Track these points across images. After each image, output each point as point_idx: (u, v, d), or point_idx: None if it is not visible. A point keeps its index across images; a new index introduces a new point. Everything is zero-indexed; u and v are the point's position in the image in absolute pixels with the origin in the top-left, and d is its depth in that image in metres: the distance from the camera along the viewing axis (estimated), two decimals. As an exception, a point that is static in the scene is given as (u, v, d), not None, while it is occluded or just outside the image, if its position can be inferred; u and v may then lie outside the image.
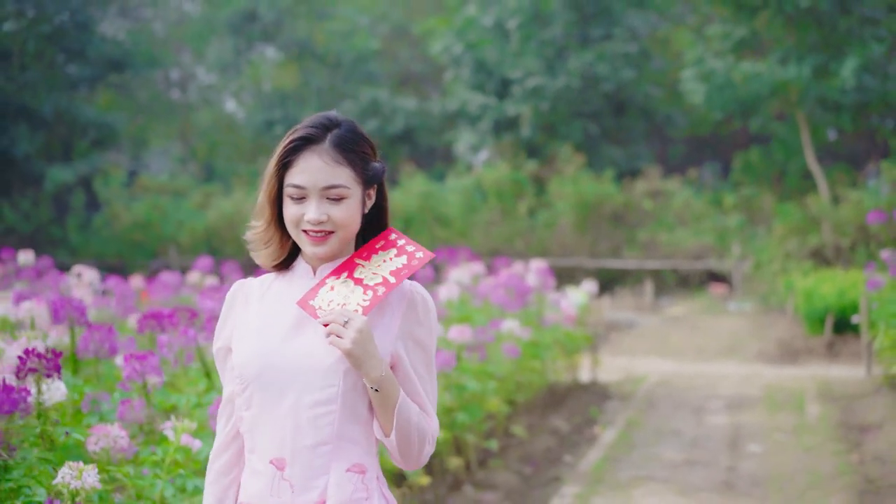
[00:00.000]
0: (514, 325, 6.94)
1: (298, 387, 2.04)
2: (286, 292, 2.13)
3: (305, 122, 2.10)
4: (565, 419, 8.21)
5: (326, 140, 2.07)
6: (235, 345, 2.13)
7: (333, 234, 2.07)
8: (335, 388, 2.03)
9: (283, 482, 2.04)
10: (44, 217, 22.78)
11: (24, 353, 2.99)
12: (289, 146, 2.07)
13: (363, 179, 2.09)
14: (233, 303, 2.19)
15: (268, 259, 2.15)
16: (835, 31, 18.79)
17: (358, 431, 2.07)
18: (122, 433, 3.12)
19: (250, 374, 2.07)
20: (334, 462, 2.05)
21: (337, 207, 2.05)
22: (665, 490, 6.18)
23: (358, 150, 2.09)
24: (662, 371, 11.33)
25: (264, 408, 2.06)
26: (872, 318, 9.31)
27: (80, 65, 24.52)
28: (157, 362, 3.61)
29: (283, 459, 2.05)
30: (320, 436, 2.04)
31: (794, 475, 6.50)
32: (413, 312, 2.11)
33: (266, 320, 2.11)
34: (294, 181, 2.05)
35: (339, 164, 2.06)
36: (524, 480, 6.41)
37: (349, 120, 2.12)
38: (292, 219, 2.07)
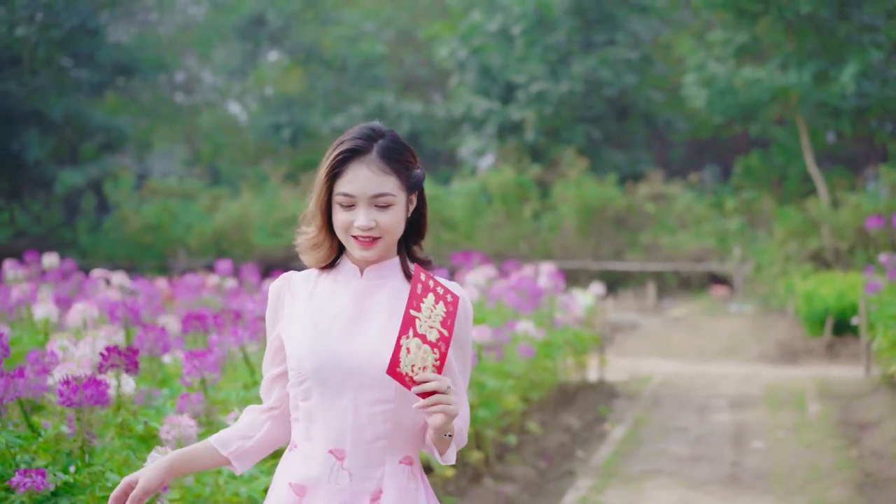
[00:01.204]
0: (529, 326, 7.25)
1: (357, 384, 2.16)
2: (335, 290, 2.25)
3: (351, 134, 2.21)
4: (576, 416, 8.54)
5: (373, 150, 2.18)
6: (288, 338, 2.24)
7: (381, 239, 2.19)
8: (393, 387, 2.15)
9: (342, 471, 2.16)
10: (54, 220, 23.10)
11: (106, 351, 3.31)
12: (338, 157, 2.18)
13: (407, 186, 2.21)
14: (281, 296, 2.30)
15: (317, 261, 2.27)
16: (834, 37, 19.09)
17: (409, 426, 2.21)
18: (191, 423, 3.43)
19: (308, 369, 2.18)
20: (389, 455, 2.18)
21: (384, 214, 2.17)
22: (674, 483, 6.50)
23: (402, 160, 2.21)
24: (666, 371, 11.65)
25: (323, 401, 2.18)
26: (871, 320, 9.63)
27: (89, 69, 24.84)
28: (214, 360, 3.93)
29: (342, 450, 2.17)
30: (378, 431, 2.16)
31: (795, 469, 6.82)
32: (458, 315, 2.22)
33: (319, 316, 2.22)
34: (344, 190, 2.17)
35: (385, 173, 2.17)
36: (540, 474, 6.73)
37: (391, 130, 2.23)
38: (342, 225, 2.19)
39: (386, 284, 2.24)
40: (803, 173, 21.64)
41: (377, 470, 2.17)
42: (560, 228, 21.00)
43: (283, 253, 21.58)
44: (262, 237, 21.72)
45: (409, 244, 2.30)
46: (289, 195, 22.75)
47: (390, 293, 2.23)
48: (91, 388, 3.03)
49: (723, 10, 19.55)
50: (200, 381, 3.93)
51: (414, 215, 2.28)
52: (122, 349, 3.32)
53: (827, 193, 19.02)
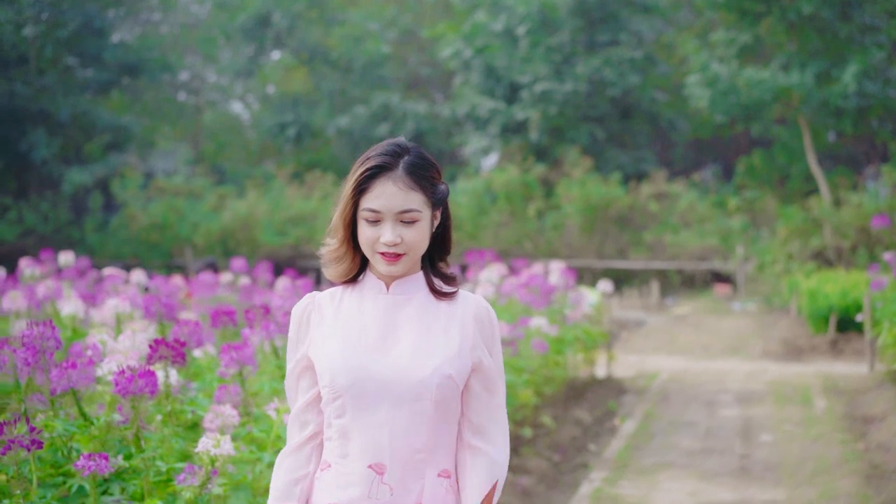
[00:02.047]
0: (543, 322, 7.42)
1: (393, 398, 2.17)
2: (362, 305, 2.26)
3: (378, 150, 2.22)
4: (587, 411, 8.70)
5: (399, 167, 2.19)
6: (318, 357, 2.24)
7: (406, 255, 2.20)
8: (429, 399, 2.17)
9: (382, 486, 2.17)
10: (62, 218, 23.26)
11: (155, 343, 3.46)
12: (365, 173, 2.19)
13: (432, 202, 2.23)
14: (306, 318, 2.31)
15: (339, 274, 2.28)
16: (836, 37, 19.22)
17: (447, 439, 2.23)
18: (234, 412, 3.59)
19: (342, 386, 2.18)
20: (428, 468, 2.20)
21: (410, 230, 2.19)
22: (686, 475, 6.66)
23: (427, 176, 2.22)
24: (672, 367, 11.80)
25: (358, 417, 2.18)
26: (876, 317, 9.80)
27: (95, 69, 24.99)
28: (251, 353, 4.08)
29: (382, 465, 2.17)
30: (417, 443, 2.18)
31: (804, 462, 6.98)
32: (482, 325, 2.27)
33: (348, 333, 2.23)
34: (370, 206, 2.18)
35: (411, 189, 2.19)
36: (554, 466, 6.90)
37: (416, 146, 2.25)
38: (368, 241, 2.20)
39: (412, 299, 2.26)
40: (805, 173, 21.79)
41: (417, 483, 2.19)
42: (564, 227, 21.15)
43: (289, 251, 21.74)
44: (268, 236, 21.87)
45: (433, 259, 2.31)
46: (295, 194, 22.90)
47: (417, 308, 2.25)
48: (145, 378, 3.18)
49: (725, 11, 19.68)
50: (238, 373, 4.08)
51: (438, 230, 2.29)
52: (169, 342, 3.48)
53: (829, 193, 19.16)
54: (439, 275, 2.30)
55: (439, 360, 2.18)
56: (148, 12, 31.02)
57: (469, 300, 2.28)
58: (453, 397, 2.21)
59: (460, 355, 2.21)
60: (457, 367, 2.20)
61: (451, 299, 2.28)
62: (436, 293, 2.27)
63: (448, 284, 2.29)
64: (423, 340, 2.21)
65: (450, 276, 2.31)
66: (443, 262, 2.33)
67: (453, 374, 2.19)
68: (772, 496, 6.12)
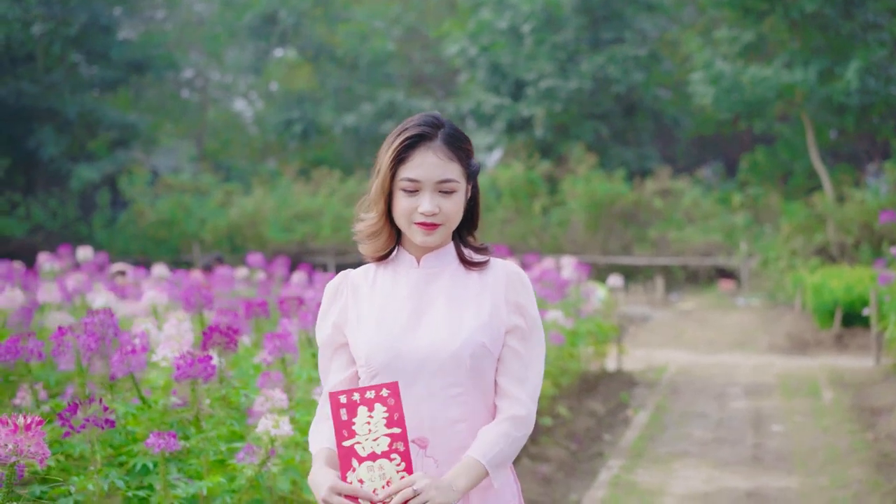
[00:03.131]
0: (559, 315, 7.59)
1: (428, 372, 2.19)
2: (395, 282, 2.28)
3: (415, 121, 2.22)
4: (600, 402, 8.87)
5: (438, 137, 2.20)
6: (354, 335, 2.26)
7: (442, 225, 2.21)
8: (464, 369, 2.19)
9: (426, 459, 2.20)
10: (70, 215, 23.42)
11: (209, 330, 3.62)
12: (404, 142, 2.19)
13: (467, 174, 2.25)
14: (337, 293, 2.32)
15: (375, 250, 2.28)
16: (839, 35, 19.38)
17: (484, 406, 2.24)
18: (283, 396, 3.75)
19: (378, 364, 2.20)
20: (470, 437, 2.21)
21: (448, 200, 2.20)
22: (700, 464, 6.83)
23: (464, 147, 2.24)
24: (680, 361, 11.98)
25: None
26: (882, 311, 9.97)
27: (102, 67, 25.14)
28: (293, 341, 4.25)
29: (424, 439, 2.20)
30: (456, 414, 2.20)
31: (815, 451, 7.15)
32: (515, 288, 2.28)
33: (382, 311, 2.25)
34: (409, 175, 2.18)
35: (450, 159, 2.20)
36: (572, 455, 7.07)
37: (449, 120, 2.26)
38: (404, 211, 2.20)
39: (443, 271, 2.27)
40: (808, 169, 21.96)
41: (461, 453, 2.19)
42: (569, 223, 21.33)
43: (295, 248, 21.90)
44: (274, 232, 22.03)
45: (462, 232, 2.32)
46: (301, 191, 23.06)
47: (448, 280, 2.26)
48: (204, 363, 3.35)
49: (729, 9, 19.85)
50: (280, 361, 4.25)
51: (469, 203, 2.30)
52: (222, 329, 3.64)
53: (832, 189, 19.33)
54: (469, 246, 2.31)
55: (471, 330, 2.19)
56: (151, 10, 31.15)
57: (499, 266, 2.29)
58: (488, 365, 2.22)
59: (492, 323, 2.22)
60: (489, 335, 2.21)
61: (481, 269, 2.28)
62: (466, 263, 2.28)
63: (479, 254, 2.31)
64: (455, 312, 2.22)
65: (480, 248, 2.32)
66: (471, 235, 2.33)
67: (486, 342, 2.20)
68: (785, 483, 6.29)
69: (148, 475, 3.35)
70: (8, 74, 23.34)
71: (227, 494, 3.23)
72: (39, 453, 2.33)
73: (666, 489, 6.19)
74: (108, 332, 3.62)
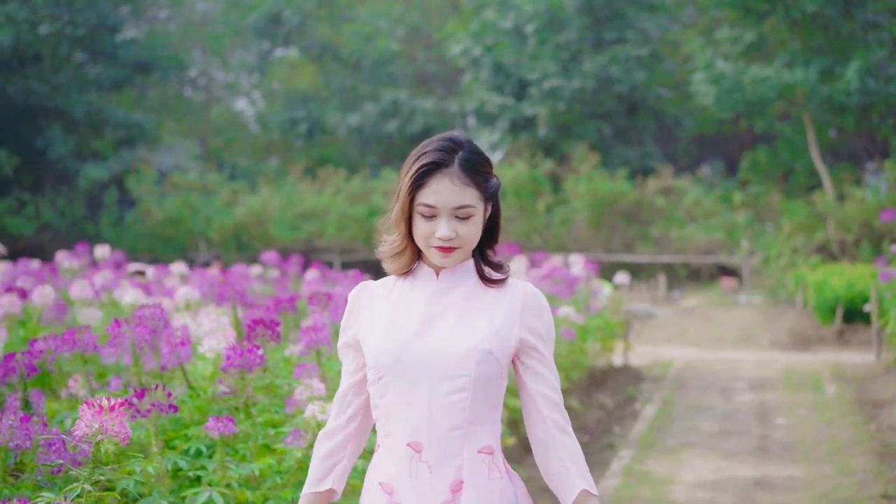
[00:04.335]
0: (570, 310, 7.82)
1: (433, 376, 2.21)
2: (412, 293, 2.32)
3: (433, 146, 2.25)
4: (609, 396, 9.11)
5: (455, 163, 2.23)
6: (366, 339, 2.29)
7: (460, 248, 2.25)
8: (468, 377, 2.20)
9: (420, 464, 2.21)
10: (78, 214, 23.64)
11: (253, 323, 3.84)
12: (421, 169, 2.23)
13: (485, 196, 2.27)
14: (358, 304, 2.37)
15: (399, 268, 2.33)
16: (839, 35, 19.59)
17: (486, 416, 2.25)
18: (321, 385, 3.96)
19: (385, 365, 2.24)
20: (467, 445, 2.22)
21: (465, 225, 2.23)
22: (709, 454, 7.06)
23: (481, 171, 2.26)
24: (685, 357, 12.22)
25: (400, 396, 2.23)
26: (883, 307, 10.21)
27: (108, 67, 25.35)
28: (328, 334, 4.47)
29: (420, 443, 2.22)
30: (454, 421, 2.21)
31: (819, 442, 7.39)
32: (531, 309, 2.30)
33: (395, 316, 2.29)
34: (426, 201, 2.22)
35: (466, 185, 2.22)
36: (583, 446, 7.25)
37: (468, 140, 2.28)
38: (423, 234, 2.25)
39: (460, 286, 2.30)
40: (809, 168, 22.18)
41: (455, 460, 2.21)
42: (572, 222, 21.56)
43: (301, 246, 22.11)
44: (280, 230, 22.26)
45: (482, 247, 2.34)
46: (307, 190, 23.28)
47: (463, 295, 2.29)
48: (252, 353, 3.57)
49: (730, 9, 20.06)
50: (316, 352, 4.47)
51: (489, 221, 2.33)
52: (266, 321, 3.86)
53: (832, 188, 19.55)
54: (488, 263, 2.34)
55: (480, 338, 2.22)
56: (155, 10, 31.35)
57: (518, 287, 2.32)
58: (494, 374, 2.23)
59: (500, 334, 2.24)
60: (497, 344, 2.23)
61: (499, 286, 2.31)
62: (485, 280, 2.31)
63: (497, 272, 2.33)
64: (465, 321, 2.25)
65: (498, 265, 2.35)
66: (491, 250, 2.36)
67: (493, 349, 2.22)
68: (791, 472, 6.53)
69: (200, 458, 3.57)
70: (16, 74, 23.57)
71: (276, 475, 3.46)
72: (122, 432, 2.55)
73: (676, 478, 6.42)
74: (160, 324, 3.84)
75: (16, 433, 2.90)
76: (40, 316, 6.50)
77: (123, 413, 2.55)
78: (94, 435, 2.52)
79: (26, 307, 6.49)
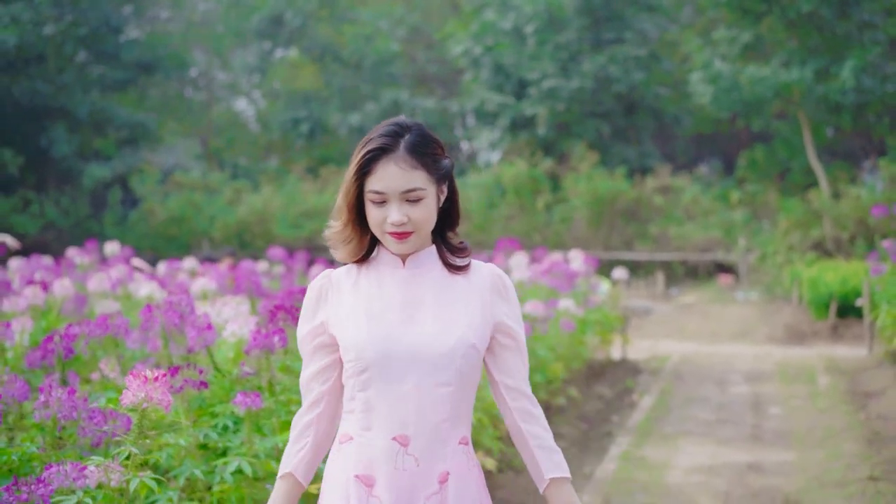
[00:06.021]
0: (570, 303, 8.08)
1: (419, 370, 2.20)
2: (381, 281, 2.30)
3: (378, 132, 2.24)
4: (607, 387, 9.37)
5: (400, 147, 2.21)
6: (340, 331, 2.26)
7: (414, 233, 2.23)
8: (454, 370, 2.21)
9: (407, 457, 2.20)
10: (82, 212, 23.89)
11: (275, 308, 4.10)
12: (366, 156, 2.21)
13: (436, 178, 2.25)
14: (323, 293, 2.33)
15: (348, 255, 2.30)
16: (835, 34, 19.83)
17: (467, 407, 2.28)
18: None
19: (369, 359, 2.21)
20: (451, 437, 2.24)
21: (416, 208, 2.21)
22: (704, 441, 7.32)
23: (429, 153, 2.24)
24: (683, 351, 12.48)
25: (384, 389, 2.21)
26: (875, 301, 10.47)
27: (112, 67, 25.59)
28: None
29: (406, 437, 2.20)
30: (441, 414, 2.22)
31: (811, 430, 7.65)
32: (498, 290, 2.33)
33: (371, 307, 2.25)
34: (374, 188, 2.21)
35: (414, 168, 2.20)
36: (583, 434, 7.56)
37: (417, 123, 2.26)
38: (376, 221, 2.23)
39: (428, 273, 2.30)
40: (805, 167, 22.45)
41: (441, 452, 2.23)
42: (572, 220, 21.82)
43: (303, 244, 22.35)
44: (283, 229, 22.51)
45: (443, 232, 2.34)
46: (309, 189, 23.54)
47: (434, 282, 2.29)
48: (278, 334, 3.83)
49: (727, 9, 20.31)
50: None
51: (446, 204, 2.31)
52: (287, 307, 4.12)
53: (828, 186, 19.80)
54: (450, 247, 2.33)
55: (462, 331, 2.23)
56: (156, 10, 31.58)
57: (483, 269, 2.33)
58: (475, 366, 2.26)
59: (481, 325, 2.26)
60: (479, 335, 2.25)
61: (465, 272, 2.32)
62: (450, 267, 2.31)
63: (459, 255, 2.33)
64: (444, 313, 2.25)
65: (460, 248, 2.34)
66: (452, 232, 2.35)
67: (476, 343, 2.24)
68: (783, 458, 6.78)
69: (226, 433, 3.83)
70: (21, 74, 23.80)
71: (298, 449, 3.71)
72: (165, 400, 2.80)
73: (672, 463, 6.68)
74: (186, 310, 4.10)
75: (63, 405, 3.16)
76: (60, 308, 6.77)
77: (166, 383, 2.80)
78: (140, 403, 2.77)
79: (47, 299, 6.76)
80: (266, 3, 29.06)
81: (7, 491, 2.63)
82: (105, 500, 2.77)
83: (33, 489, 2.64)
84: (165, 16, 32.35)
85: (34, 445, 3.23)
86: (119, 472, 2.74)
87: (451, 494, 2.22)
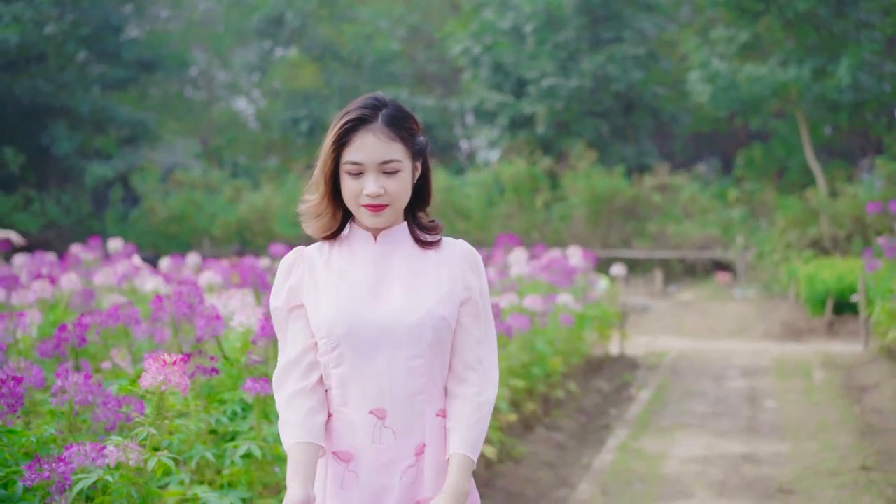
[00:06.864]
0: (569, 298, 8.20)
1: (391, 343, 2.21)
2: (352, 257, 2.29)
3: (356, 104, 2.24)
4: (605, 382, 9.49)
5: (379, 118, 2.21)
6: (313, 307, 2.25)
7: (389, 206, 2.23)
8: (425, 342, 2.22)
9: (384, 430, 2.21)
10: (83, 211, 24.01)
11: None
12: (344, 126, 2.21)
13: (412, 153, 2.25)
14: (293, 268, 2.31)
15: (319, 230, 2.29)
16: (832, 34, 19.97)
17: (441, 378, 2.27)
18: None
19: (339, 334, 2.20)
20: (427, 408, 2.24)
21: (392, 180, 2.21)
22: (701, 433, 7.44)
23: (406, 126, 2.24)
24: (680, 347, 12.60)
25: (357, 364, 2.21)
26: (870, 297, 10.59)
27: (113, 66, 25.71)
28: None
29: (383, 410, 2.21)
30: (416, 386, 2.22)
31: (806, 422, 7.77)
32: (469, 265, 2.33)
33: (341, 282, 2.25)
34: (352, 158, 2.20)
35: (392, 140, 2.21)
36: (582, 426, 7.69)
37: (394, 100, 2.27)
38: (351, 193, 2.22)
39: (399, 248, 2.30)
40: (803, 165, 22.58)
41: (418, 424, 2.23)
42: (570, 218, 21.95)
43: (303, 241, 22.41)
44: (283, 227, 22.64)
45: (415, 211, 2.34)
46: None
47: (405, 257, 2.29)
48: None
49: (725, 9, 20.44)
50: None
51: (419, 181, 2.32)
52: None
53: (825, 184, 19.92)
54: (421, 225, 2.33)
55: (431, 303, 2.23)
56: (157, 9, 31.69)
57: (454, 245, 2.34)
58: (447, 338, 2.26)
59: (451, 297, 2.26)
60: (448, 308, 2.25)
61: (436, 248, 2.32)
62: (421, 243, 2.31)
63: (430, 233, 2.33)
64: (415, 285, 2.25)
65: (431, 226, 2.34)
66: (423, 212, 2.35)
67: (446, 315, 2.24)
68: (778, 449, 6.91)
69: (235, 419, 3.95)
70: (22, 73, 23.94)
71: (305, 434, 3.83)
72: (182, 383, 2.92)
73: (669, 454, 6.80)
74: (195, 300, 4.22)
75: (80, 390, 3.27)
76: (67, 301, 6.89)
77: (184, 367, 2.92)
78: (158, 386, 2.89)
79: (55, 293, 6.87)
80: (266, 2, 29.19)
81: (29, 469, 2.75)
82: (123, 479, 2.89)
83: (55, 467, 2.75)
84: (166, 15, 32.46)
85: (52, 428, 3.34)
86: (137, 452, 2.85)
87: (426, 466, 2.23)
